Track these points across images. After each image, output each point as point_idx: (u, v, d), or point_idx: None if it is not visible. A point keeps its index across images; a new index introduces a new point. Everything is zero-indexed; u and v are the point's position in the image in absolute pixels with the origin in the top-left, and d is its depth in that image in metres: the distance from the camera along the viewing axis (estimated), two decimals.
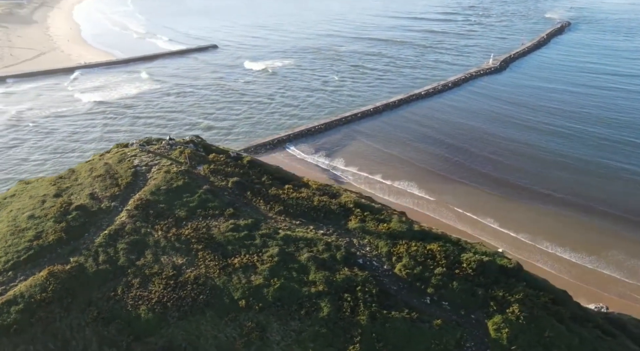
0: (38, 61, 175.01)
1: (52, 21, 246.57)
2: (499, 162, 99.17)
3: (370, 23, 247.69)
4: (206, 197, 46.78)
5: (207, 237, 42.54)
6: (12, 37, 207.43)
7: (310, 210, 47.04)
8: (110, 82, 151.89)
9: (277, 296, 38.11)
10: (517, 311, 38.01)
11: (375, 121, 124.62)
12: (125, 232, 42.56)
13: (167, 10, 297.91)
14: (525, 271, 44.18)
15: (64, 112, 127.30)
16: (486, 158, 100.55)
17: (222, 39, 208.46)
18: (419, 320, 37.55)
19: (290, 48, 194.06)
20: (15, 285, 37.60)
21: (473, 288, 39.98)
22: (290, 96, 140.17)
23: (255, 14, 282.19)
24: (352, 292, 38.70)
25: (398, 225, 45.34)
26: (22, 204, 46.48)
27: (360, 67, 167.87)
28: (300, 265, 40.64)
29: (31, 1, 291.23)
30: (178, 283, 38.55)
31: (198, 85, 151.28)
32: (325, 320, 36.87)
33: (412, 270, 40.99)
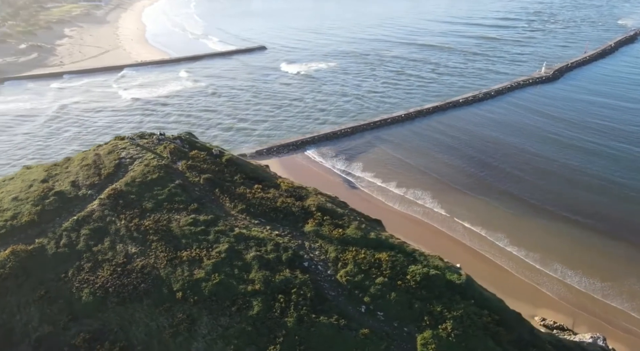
0: (101, 58, 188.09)
1: (122, 22, 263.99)
2: (525, 180, 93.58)
3: (423, 28, 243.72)
4: (175, 192, 48.82)
5: (165, 229, 44.48)
6: (84, 35, 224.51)
7: (272, 210, 47.82)
8: (153, 80, 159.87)
9: (214, 291, 39.24)
10: (450, 328, 36.80)
11: (403, 128, 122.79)
12: (92, 219, 45.42)
13: (225, 12, 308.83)
14: (479, 288, 42.46)
15: (104, 107, 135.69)
16: (512, 176, 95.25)
17: (271, 41, 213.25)
18: (347, 327, 37.32)
19: (334, 51, 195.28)
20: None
21: (411, 300, 39.11)
22: (322, 100, 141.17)
23: (311, 17, 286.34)
24: (286, 294, 39.09)
25: (353, 231, 45.07)
26: (13, 187, 50.85)
27: (401, 73, 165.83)
28: (244, 263, 41.57)
29: (108, 3, 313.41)
30: (125, 271, 40.70)
31: (234, 85, 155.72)
32: (254, 318, 37.54)
33: (353, 277, 40.70)
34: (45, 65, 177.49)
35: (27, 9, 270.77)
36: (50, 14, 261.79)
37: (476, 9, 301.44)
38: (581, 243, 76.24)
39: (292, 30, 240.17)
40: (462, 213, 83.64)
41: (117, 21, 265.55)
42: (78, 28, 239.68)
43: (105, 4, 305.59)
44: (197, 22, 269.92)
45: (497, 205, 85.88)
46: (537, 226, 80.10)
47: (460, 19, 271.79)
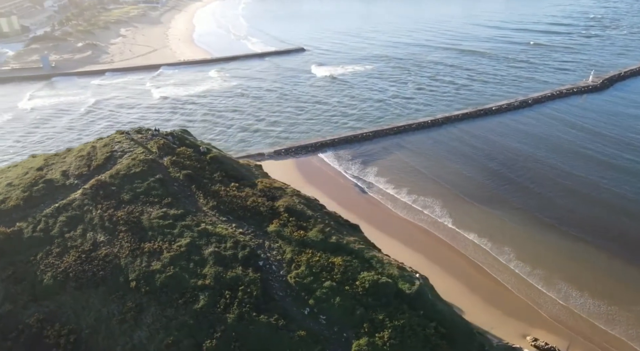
0: (148, 57, 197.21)
1: (174, 23, 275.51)
2: (544, 197, 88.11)
3: (468, 33, 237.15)
4: (153, 185, 50.76)
5: (136, 221, 46.42)
6: (137, 35, 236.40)
7: (241, 208, 48.69)
8: (185, 79, 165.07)
9: (166, 282, 40.60)
10: (386, 337, 36.16)
11: (426, 135, 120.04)
12: (71, 207, 48.14)
13: (271, 14, 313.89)
14: (433, 299, 41.27)
15: (135, 104, 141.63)
16: (529, 192, 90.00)
17: (310, 43, 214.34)
18: (286, 328, 37.50)
19: (371, 55, 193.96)
20: None
21: (355, 306, 38.70)
22: (348, 104, 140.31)
23: (356, 20, 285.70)
24: (234, 291, 39.81)
25: (315, 234, 45.10)
26: (13, 173, 54.76)
27: (436, 79, 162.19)
28: (201, 258, 42.68)
29: (165, 4, 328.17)
30: (89, 258, 42.89)
31: (262, 87, 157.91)
32: (197, 312, 38.53)
33: (302, 279, 40.78)
34: (96, 63, 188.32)
35: (91, 10, 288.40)
36: (110, 14, 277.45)
37: (530, 14, 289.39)
38: (594, 267, 71.29)
39: (334, 32, 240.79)
40: (469, 226, 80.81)
41: (170, 22, 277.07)
42: (133, 28, 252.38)
43: (161, 5, 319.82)
44: (241, 23, 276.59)
45: (508, 220, 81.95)
46: (548, 245, 75.43)
47: (511, 23, 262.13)
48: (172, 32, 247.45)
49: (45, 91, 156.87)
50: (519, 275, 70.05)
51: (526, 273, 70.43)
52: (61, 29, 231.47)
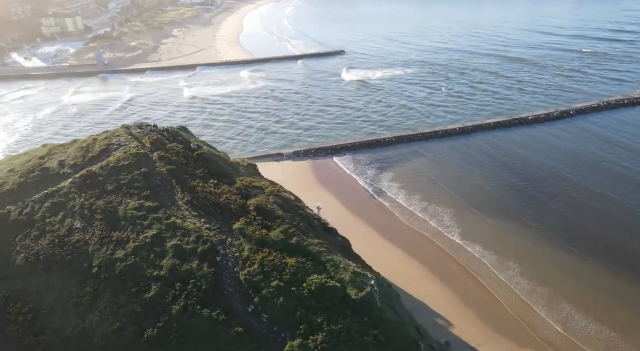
0: (194, 56, 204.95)
1: (224, 24, 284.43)
2: (565, 218, 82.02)
3: (517, 39, 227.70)
4: (137, 178, 52.95)
5: (112, 210, 48.71)
6: (187, 36, 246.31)
7: (212, 205, 49.82)
8: (218, 79, 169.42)
9: (124, 271, 42.37)
10: (319, 341, 35.95)
11: (451, 143, 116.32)
12: (58, 194, 51.19)
13: (317, 17, 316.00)
14: (383, 307, 40.35)
15: (165, 102, 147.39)
16: (547, 210, 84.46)
17: (350, 46, 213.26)
18: (225, 323, 38.09)
19: (410, 60, 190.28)
20: None
21: (297, 308, 38.66)
22: (373, 108, 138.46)
23: (402, 24, 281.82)
24: (185, 283, 40.94)
25: (276, 234, 45.43)
26: (19, 160, 58.94)
27: (474, 87, 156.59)
28: (163, 250, 44.17)
29: (218, 7, 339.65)
30: (61, 243, 45.51)
31: (290, 89, 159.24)
32: (146, 301, 39.96)
33: (252, 277, 41.23)
34: (145, 61, 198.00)
35: (149, 11, 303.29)
36: (166, 16, 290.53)
37: (593, 19, 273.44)
38: (602, 293, 66.53)
39: (376, 36, 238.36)
40: (476, 239, 77.63)
41: (220, 23, 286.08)
42: (185, 29, 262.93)
43: (215, 7, 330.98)
44: (285, 25, 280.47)
45: (517, 237, 77.43)
46: (556, 266, 71.02)
47: (568, 29, 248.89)
48: (220, 33, 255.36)
49: (90, 87, 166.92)
50: (517, 293, 66.89)
51: (527, 292, 67.27)
52: (119, 29, 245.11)
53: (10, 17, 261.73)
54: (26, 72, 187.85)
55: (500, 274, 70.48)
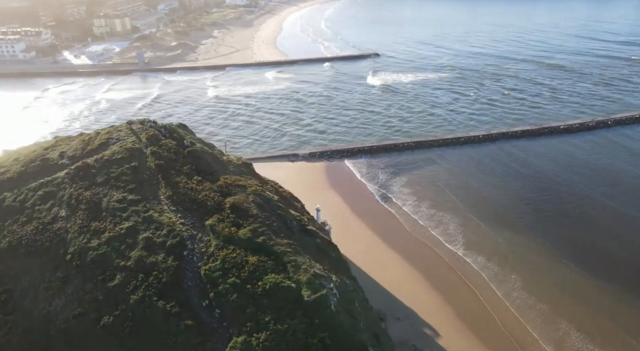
0: (230, 57, 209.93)
1: (264, 26, 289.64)
2: (576, 235, 77.80)
3: (561, 45, 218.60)
4: (126, 172, 54.93)
5: (96, 201, 50.84)
6: (226, 37, 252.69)
7: (191, 201, 50.98)
8: (243, 80, 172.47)
9: (95, 259, 44.20)
10: (262, 339, 36.21)
11: (470, 150, 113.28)
12: (52, 184, 53.96)
13: (355, 19, 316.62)
14: (337, 311, 39.93)
15: (189, 101, 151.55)
16: (559, 227, 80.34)
17: (382, 50, 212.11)
18: (178, 316, 39.01)
19: (441, 64, 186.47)
20: None
21: (248, 305, 39.02)
22: (395, 114, 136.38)
23: (443, 27, 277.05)
24: (147, 275, 42.23)
25: (244, 232, 45.99)
26: (25, 150, 62.60)
27: (505, 93, 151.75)
28: (134, 241, 45.71)
29: (261, 8, 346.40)
30: (44, 229, 47.99)
31: (314, 91, 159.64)
32: (109, 289, 41.56)
33: (212, 273, 41.96)
34: (183, 60, 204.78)
35: (194, 13, 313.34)
36: (210, 17, 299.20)
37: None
38: (607, 315, 62.89)
39: (412, 40, 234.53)
40: (478, 250, 75.58)
41: (261, 25, 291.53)
42: (226, 30, 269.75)
43: (258, 9, 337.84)
44: (322, 28, 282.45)
45: (521, 252, 74.47)
46: (558, 285, 67.64)
47: (621, 35, 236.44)
48: (259, 34, 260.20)
49: (125, 84, 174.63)
50: (511, 309, 64.53)
51: (523, 308, 65.30)
52: (163, 29, 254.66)
53: (67, 17, 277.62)
54: (73, 69, 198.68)
55: (497, 288, 68.24)
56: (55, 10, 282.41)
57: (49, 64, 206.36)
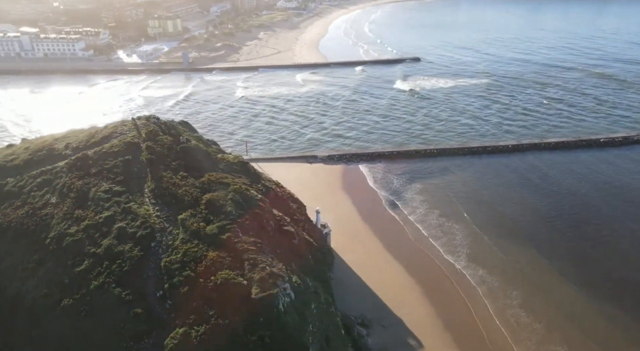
0: (270, 58, 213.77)
1: (310, 28, 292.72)
2: (588, 258, 72.48)
3: (620, 53, 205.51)
4: (118, 164, 57.61)
5: (85, 191, 53.71)
6: (271, 39, 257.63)
7: (170, 195, 52.73)
8: (273, 81, 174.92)
9: (70, 245, 46.77)
10: (202, 332, 37.18)
11: (495, 160, 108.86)
12: (51, 173, 57.47)
13: (403, 23, 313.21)
14: (285, 311, 39.99)
15: (216, 100, 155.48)
16: (571, 247, 75.03)
17: (423, 54, 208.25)
18: (129, 303, 40.62)
19: (479, 71, 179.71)
20: None
21: (197, 298, 39.89)
22: (420, 120, 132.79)
23: (491, 32, 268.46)
24: (112, 262, 44.18)
25: (210, 228, 47.05)
26: (38, 140, 66.99)
27: (546, 103, 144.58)
28: (108, 230, 47.94)
29: (310, 11, 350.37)
30: (33, 214, 51.25)
31: (340, 94, 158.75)
32: (75, 274, 43.93)
33: (171, 265, 43.29)
34: (225, 61, 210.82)
35: (242, 16, 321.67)
36: (258, 19, 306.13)
37: None
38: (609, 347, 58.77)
39: (456, 44, 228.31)
40: (478, 266, 72.26)
41: (307, 27, 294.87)
42: (271, 32, 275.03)
43: (307, 12, 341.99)
44: (365, 31, 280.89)
45: (525, 271, 70.01)
46: (558, 309, 63.41)
47: None
48: (303, 36, 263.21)
49: (163, 82, 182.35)
50: (501, 328, 61.61)
51: (516, 328, 62.13)
52: (211, 31, 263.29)
53: (126, 19, 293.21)
54: (123, 66, 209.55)
55: (492, 305, 65.48)
56: (116, 12, 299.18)
57: (103, 61, 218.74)
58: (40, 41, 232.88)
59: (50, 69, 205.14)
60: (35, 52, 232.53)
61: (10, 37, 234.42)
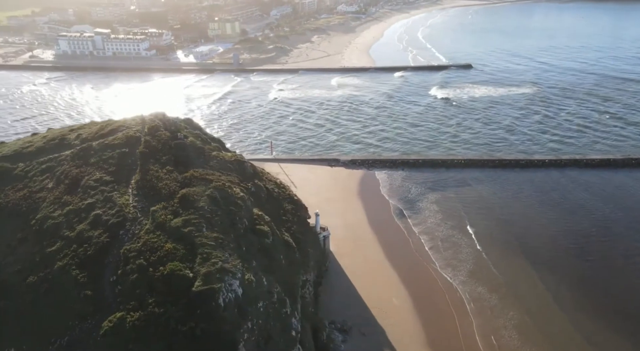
0: (318, 61, 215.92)
1: (366, 32, 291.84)
2: (604, 291, 66.02)
3: None
4: (114, 156, 61.11)
5: (79, 178, 57.50)
6: (324, 42, 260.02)
7: (149, 187, 55.17)
8: (308, 84, 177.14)
9: (50, 227, 50.42)
10: (135, 318, 38.86)
11: (528, 175, 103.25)
12: (56, 160, 62.02)
13: (461, 28, 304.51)
14: (228, 305, 40.77)
15: (250, 100, 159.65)
16: (587, 278, 68.85)
17: (478, 62, 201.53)
18: (83, 286, 43.12)
19: (526, 80, 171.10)
20: None
21: (141, 285, 41.70)
22: (452, 130, 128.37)
23: (563, 38, 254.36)
24: (79, 245, 47.18)
25: (176, 221, 48.79)
26: (56, 131, 72.38)
27: (598, 118, 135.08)
28: (86, 216, 51.11)
29: (370, 15, 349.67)
30: (30, 197, 55.66)
31: (373, 100, 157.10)
32: (46, 254, 47.36)
33: (129, 253, 45.44)
34: (273, 63, 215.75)
35: (300, 19, 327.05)
36: (315, 23, 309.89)
37: None
38: None
39: (510, 52, 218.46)
40: (476, 287, 68.83)
41: (363, 31, 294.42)
42: (325, 35, 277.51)
43: (366, 16, 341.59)
44: (417, 36, 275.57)
45: (527, 298, 65.43)
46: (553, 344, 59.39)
47: None
48: (357, 40, 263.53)
49: (208, 81, 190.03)
50: (480, 348, 58.48)
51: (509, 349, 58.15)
52: (266, 33, 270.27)
53: (190, 21, 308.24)
54: (178, 66, 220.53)
55: (481, 324, 62.56)
56: (182, 15, 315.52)
57: (162, 61, 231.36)
58: (110, 41, 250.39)
59: (114, 67, 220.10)
60: (105, 51, 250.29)
61: (85, 37, 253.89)
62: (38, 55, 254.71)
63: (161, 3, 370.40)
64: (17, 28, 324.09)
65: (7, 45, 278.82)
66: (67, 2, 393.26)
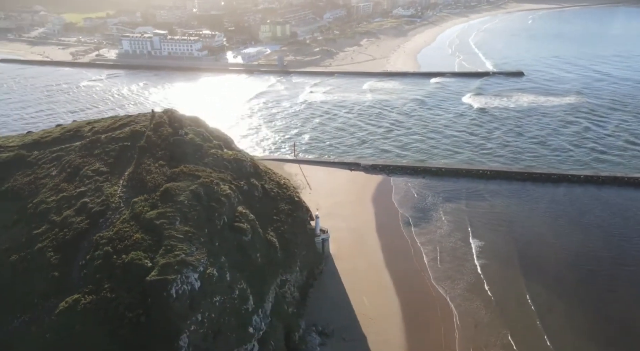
0: (363, 64, 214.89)
1: (418, 37, 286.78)
2: (606, 321, 61.46)
3: None
4: (116, 149, 64.70)
5: (80, 168, 61.37)
6: (372, 46, 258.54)
7: (139, 181, 57.80)
8: (340, 87, 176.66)
9: (42, 211, 54.32)
10: (87, 302, 41.19)
11: (560, 191, 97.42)
12: (65, 150, 66.50)
13: (518, 33, 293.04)
14: (181, 296, 42.13)
15: (281, 101, 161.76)
16: (600, 311, 63.37)
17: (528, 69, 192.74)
18: (55, 267, 46.14)
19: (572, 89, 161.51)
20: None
21: (101, 271, 43.91)
22: (481, 141, 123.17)
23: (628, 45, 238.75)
24: (60, 230, 50.40)
25: (151, 213, 50.85)
26: (75, 123, 77.40)
27: (625, 129, 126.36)
28: (75, 203, 54.50)
29: (426, 19, 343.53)
30: (34, 182, 60.18)
31: (403, 106, 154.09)
32: (31, 236, 51.13)
33: (100, 240, 48.00)
34: (317, 65, 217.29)
35: (352, 22, 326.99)
36: (366, 26, 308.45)
37: None
38: None
39: (564, 59, 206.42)
40: (470, 308, 65.76)
41: (414, 36, 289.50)
42: (375, 39, 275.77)
43: (420, 20, 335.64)
44: (468, 41, 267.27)
45: (526, 322, 61.52)
46: None
47: None
48: (406, 45, 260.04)
49: (245, 82, 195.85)
50: None
51: None
52: (314, 36, 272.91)
53: (243, 23, 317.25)
54: (225, 66, 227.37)
55: (470, 342, 59.59)
56: (237, 18, 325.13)
57: (212, 61, 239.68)
58: (166, 41, 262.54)
59: (167, 66, 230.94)
60: (161, 50, 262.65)
61: (144, 38, 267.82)
62: (103, 54, 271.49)
63: (220, 6, 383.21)
64: (90, 28, 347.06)
65: (79, 44, 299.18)
66: (137, 5, 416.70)
